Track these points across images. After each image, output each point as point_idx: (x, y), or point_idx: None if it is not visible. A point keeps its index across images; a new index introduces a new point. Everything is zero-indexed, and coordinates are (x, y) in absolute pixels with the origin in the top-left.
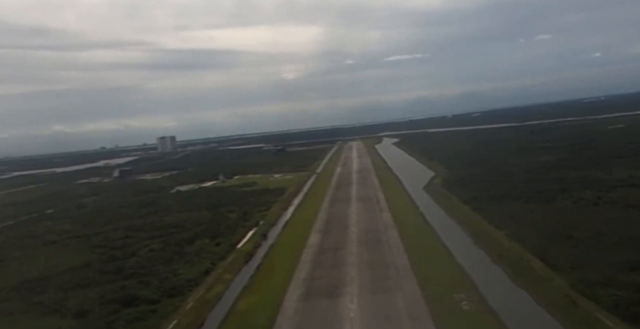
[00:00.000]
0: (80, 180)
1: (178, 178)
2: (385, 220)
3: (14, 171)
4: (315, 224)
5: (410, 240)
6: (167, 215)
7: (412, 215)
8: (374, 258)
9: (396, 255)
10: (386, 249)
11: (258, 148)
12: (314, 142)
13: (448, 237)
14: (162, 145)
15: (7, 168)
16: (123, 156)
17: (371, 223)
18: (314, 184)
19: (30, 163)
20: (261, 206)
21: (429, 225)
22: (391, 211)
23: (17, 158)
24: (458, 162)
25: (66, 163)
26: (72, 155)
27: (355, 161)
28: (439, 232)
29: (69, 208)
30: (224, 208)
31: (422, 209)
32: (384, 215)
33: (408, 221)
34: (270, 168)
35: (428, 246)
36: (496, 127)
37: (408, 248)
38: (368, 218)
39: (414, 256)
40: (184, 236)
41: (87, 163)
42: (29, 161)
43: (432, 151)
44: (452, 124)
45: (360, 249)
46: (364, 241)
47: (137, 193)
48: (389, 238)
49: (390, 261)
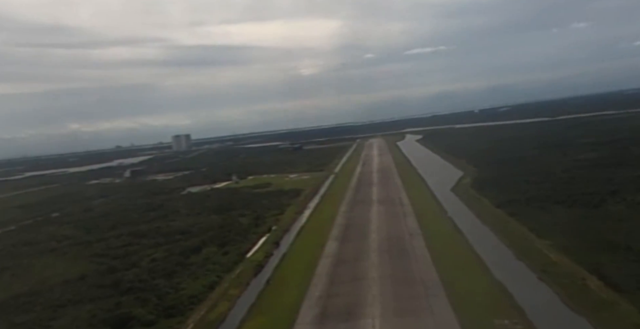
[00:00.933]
0: (92, 181)
1: (190, 179)
2: (409, 225)
3: (28, 172)
4: (332, 230)
5: (439, 250)
6: (175, 220)
7: (439, 220)
8: (399, 272)
9: (424, 267)
10: (412, 260)
11: (274, 146)
12: (333, 140)
13: (482, 247)
14: (176, 144)
15: (21, 169)
16: (138, 155)
17: (394, 230)
18: (332, 185)
19: (44, 163)
20: (275, 210)
21: (459, 232)
22: (416, 216)
23: (33, 158)
24: (488, 160)
25: (80, 163)
26: (87, 155)
27: (376, 159)
28: (471, 241)
29: (75, 212)
30: (235, 211)
31: (450, 213)
32: (408, 220)
33: (435, 228)
34: (285, 167)
35: (460, 258)
36: (527, 122)
37: (437, 259)
38: (391, 223)
39: (444, 270)
40: (190, 244)
41: (100, 163)
42: (44, 161)
43: (459, 148)
44: (479, 119)
45: (382, 260)
46: (386, 250)
47: (147, 195)
48: (414, 247)
49: (417, 276)
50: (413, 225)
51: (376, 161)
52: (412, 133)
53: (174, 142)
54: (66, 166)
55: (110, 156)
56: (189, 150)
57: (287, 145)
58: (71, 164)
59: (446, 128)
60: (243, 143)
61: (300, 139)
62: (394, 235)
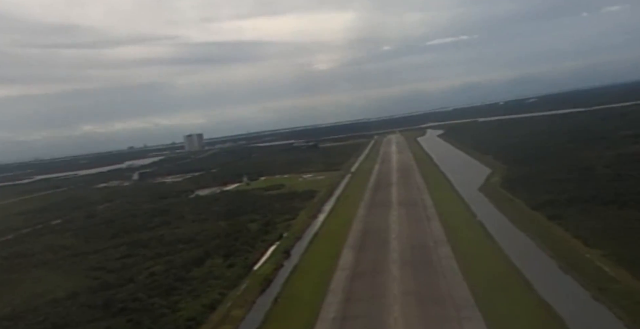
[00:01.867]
0: (99, 184)
1: (199, 181)
2: (435, 232)
3: (38, 175)
4: (348, 237)
5: (470, 262)
6: (179, 226)
7: (468, 225)
8: (424, 288)
9: (453, 283)
10: (439, 274)
11: (288, 144)
12: (349, 137)
13: (521, 258)
14: (189, 144)
15: (31, 172)
16: (150, 156)
17: (417, 237)
18: (348, 186)
19: (56, 166)
20: (287, 214)
21: (491, 240)
22: (442, 221)
23: (46, 161)
24: (518, 156)
25: (90, 165)
26: (99, 156)
27: (395, 157)
28: (507, 250)
29: (78, 218)
30: (244, 216)
31: (480, 217)
32: (433, 226)
33: (464, 235)
34: (299, 167)
35: (495, 272)
36: (558, 114)
37: (468, 273)
38: (413, 229)
39: (477, 287)
40: (193, 255)
41: (111, 165)
42: (56, 163)
43: (485, 143)
44: (504, 112)
45: (404, 273)
46: (409, 262)
47: (153, 199)
48: (441, 258)
49: (445, 293)
50: (438, 230)
51: (395, 159)
52: (433, 128)
53: (186, 141)
54: (77, 168)
55: (122, 157)
56: (201, 149)
57: (302, 143)
58: (82, 166)
59: (469, 122)
60: (256, 142)
61: (315, 136)
62: (417, 242)
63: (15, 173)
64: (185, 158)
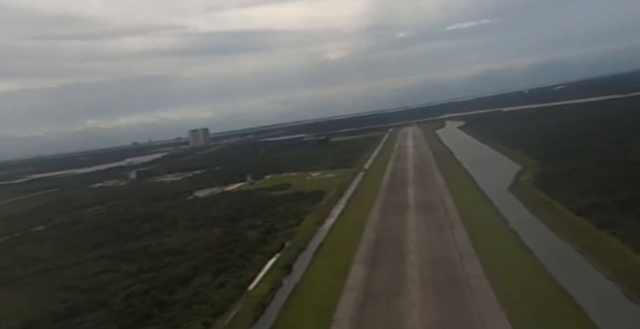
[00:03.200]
0: (95, 184)
1: (200, 180)
2: (460, 242)
3: (34, 174)
4: (359, 249)
5: (506, 283)
6: (170, 235)
7: (499, 234)
8: (452, 318)
9: (487, 311)
10: (469, 300)
11: (298, 139)
12: (362, 130)
13: (571, 279)
14: (194, 139)
15: (29, 170)
16: (153, 152)
17: (439, 248)
18: (361, 185)
19: (55, 163)
20: (290, 219)
21: (530, 254)
22: (467, 228)
23: (47, 158)
24: (551, 149)
25: (90, 162)
26: (101, 153)
27: (412, 152)
28: (551, 268)
29: (62, 224)
30: (243, 221)
31: (513, 224)
32: (457, 235)
33: (495, 246)
34: (308, 164)
35: (541, 297)
36: (591, 102)
37: (506, 299)
38: (434, 238)
39: (519, 317)
40: (179, 272)
41: (111, 162)
42: (56, 160)
43: (511, 136)
44: (530, 101)
45: (426, 298)
46: (430, 281)
47: (147, 201)
48: (469, 276)
49: (479, 326)
50: (464, 240)
51: (412, 154)
52: (453, 120)
53: (191, 137)
54: (76, 166)
55: (124, 154)
56: (207, 145)
57: (312, 137)
58: (81, 164)
59: (492, 112)
60: (265, 136)
61: (327, 130)
62: (440, 255)
63: (11, 171)
64: (189, 154)
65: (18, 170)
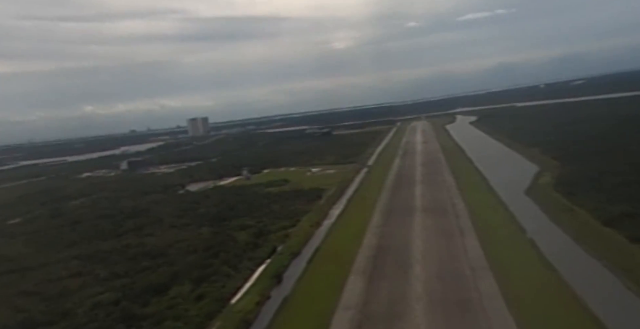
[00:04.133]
0: (84, 173)
1: (194, 173)
2: (471, 253)
3: (23, 161)
4: (357, 257)
5: (527, 306)
6: (153, 234)
7: (516, 245)
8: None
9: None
10: (482, 324)
11: (300, 131)
12: (369, 123)
13: (600, 302)
14: (192, 128)
15: (18, 156)
16: (150, 141)
17: (449, 260)
18: (363, 183)
19: (47, 150)
20: (285, 220)
21: (552, 270)
22: (480, 237)
23: (40, 144)
24: (572, 148)
25: (84, 150)
26: (96, 140)
27: (420, 148)
28: (579, 291)
29: (41, 217)
30: (235, 221)
31: (531, 233)
32: (468, 244)
33: (512, 260)
34: (309, 158)
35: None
36: (612, 98)
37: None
38: (442, 248)
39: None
40: (157, 278)
41: (105, 150)
42: (49, 147)
43: (527, 133)
44: (546, 96)
45: (433, 321)
46: (438, 300)
47: (135, 195)
48: (482, 296)
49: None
50: (476, 251)
51: (420, 150)
52: (464, 114)
53: (190, 126)
54: (69, 153)
55: (120, 142)
56: (206, 135)
57: (315, 130)
58: (74, 151)
59: (506, 107)
60: (266, 127)
61: (331, 122)
62: (449, 269)
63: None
64: (186, 144)
65: (7, 155)
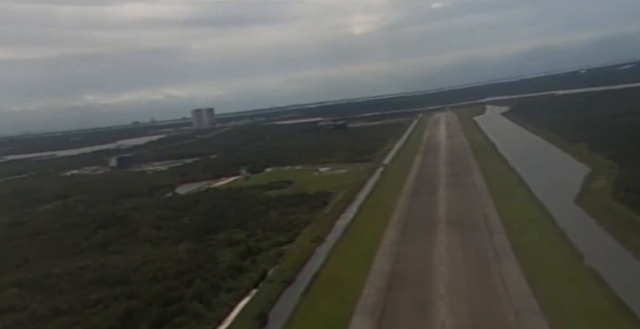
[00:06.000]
0: (70, 171)
1: (189, 171)
2: (513, 288)
3: (12, 155)
4: (364, 289)
5: None
6: (120, 252)
7: (573, 277)
8: None
9: None
10: None
11: (313, 123)
12: (387, 115)
13: None
14: (197, 120)
15: (8, 150)
16: (151, 133)
17: (483, 298)
18: (377, 187)
19: (41, 143)
20: (282, 233)
21: (631, 317)
22: (522, 262)
23: (35, 135)
24: (629, 146)
25: (80, 143)
26: (96, 132)
27: (445, 144)
28: None
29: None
30: (221, 234)
31: (591, 260)
32: (507, 273)
33: (571, 299)
34: (319, 155)
35: None
36: None
37: None
38: (474, 279)
39: None
40: (105, 319)
41: (102, 144)
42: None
43: (571, 126)
44: (588, 83)
45: None
46: None
47: (117, 198)
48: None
49: None
50: (519, 285)
51: (445, 146)
52: (494, 104)
53: (194, 117)
54: (63, 147)
55: (120, 134)
56: (211, 127)
57: (329, 122)
58: (69, 145)
59: (544, 96)
60: (277, 119)
61: (347, 113)
62: (485, 312)
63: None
64: (188, 138)
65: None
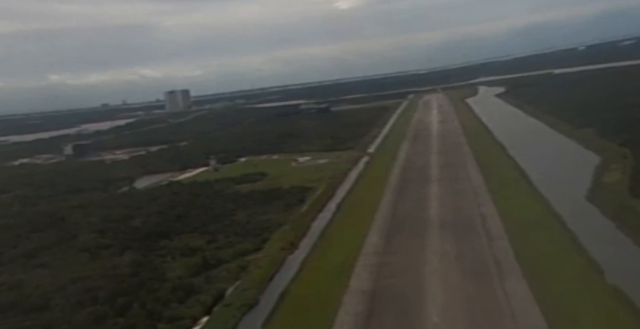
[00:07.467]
0: (21, 159)
1: (152, 161)
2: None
3: None
4: (339, 315)
5: None
6: (47, 265)
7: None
8: None
9: None
10: None
11: (294, 106)
12: (374, 97)
13: None
14: (171, 103)
15: None
16: (120, 117)
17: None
18: (361, 180)
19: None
20: (249, 238)
21: None
22: (529, 278)
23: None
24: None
25: (38, 127)
26: (58, 116)
27: (436, 129)
28: None
29: None
30: (177, 240)
31: (612, 274)
32: (512, 292)
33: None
34: (298, 143)
35: None
36: None
37: None
38: (472, 300)
39: None
40: None
41: (62, 129)
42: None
43: (574, 108)
44: (587, 60)
45: None
46: None
47: (63, 193)
48: None
49: None
50: (528, 309)
51: (436, 132)
52: (488, 85)
53: (167, 100)
54: (18, 132)
55: (84, 118)
56: (186, 110)
57: (310, 106)
58: (26, 129)
59: (541, 75)
60: (257, 102)
61: (334, 95)
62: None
63: None
64: (159, 122)
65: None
